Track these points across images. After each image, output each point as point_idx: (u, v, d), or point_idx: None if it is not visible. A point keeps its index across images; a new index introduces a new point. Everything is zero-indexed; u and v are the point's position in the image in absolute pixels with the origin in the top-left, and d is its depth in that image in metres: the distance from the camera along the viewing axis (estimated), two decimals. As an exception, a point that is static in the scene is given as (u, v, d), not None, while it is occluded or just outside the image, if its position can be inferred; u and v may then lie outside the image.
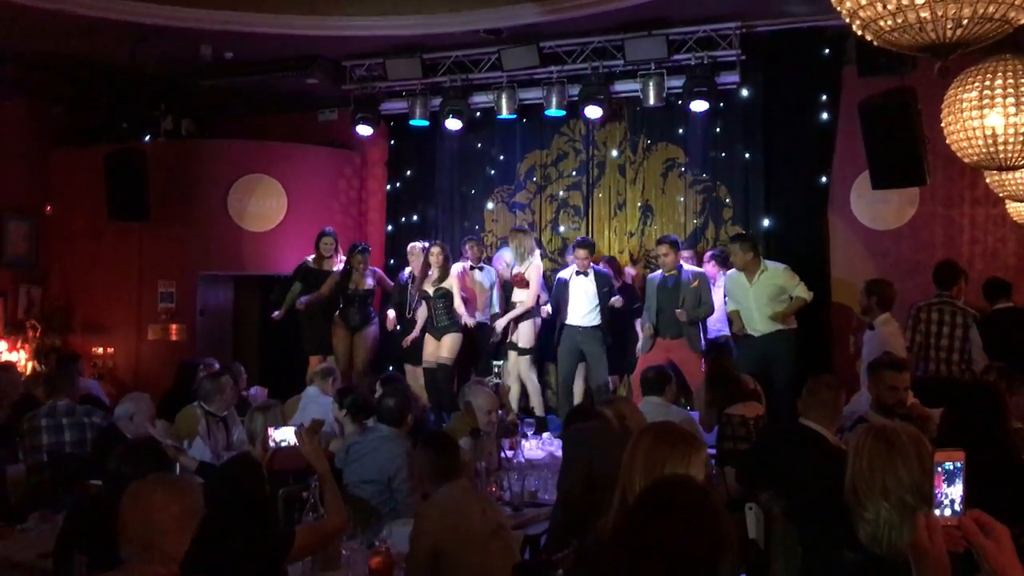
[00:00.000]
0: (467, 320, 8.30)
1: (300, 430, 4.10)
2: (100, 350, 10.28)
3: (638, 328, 8.25)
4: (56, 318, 10.35)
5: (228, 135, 10.68)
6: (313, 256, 9.16)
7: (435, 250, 8.44)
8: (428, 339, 8.47)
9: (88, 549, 3.12)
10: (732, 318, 7.89)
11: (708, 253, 8.65)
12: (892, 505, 2.64)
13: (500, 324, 8.48)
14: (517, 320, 8.50)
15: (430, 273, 8.42)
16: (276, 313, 9.08)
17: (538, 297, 8.51)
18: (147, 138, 10.25)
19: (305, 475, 4.33)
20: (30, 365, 9.81)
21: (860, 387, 6.60)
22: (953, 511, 1.98)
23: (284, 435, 4.17)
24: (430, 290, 8.38)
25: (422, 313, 8.64)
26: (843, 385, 4.58)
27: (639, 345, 8.11)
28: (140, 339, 10.27)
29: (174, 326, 10.20)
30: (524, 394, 8.59)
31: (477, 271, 8.60)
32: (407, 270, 9.11)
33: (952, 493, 1.99)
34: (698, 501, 2.05)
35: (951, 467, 2.00)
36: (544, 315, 8.47)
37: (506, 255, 8.84)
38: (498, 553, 3.72)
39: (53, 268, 10.66)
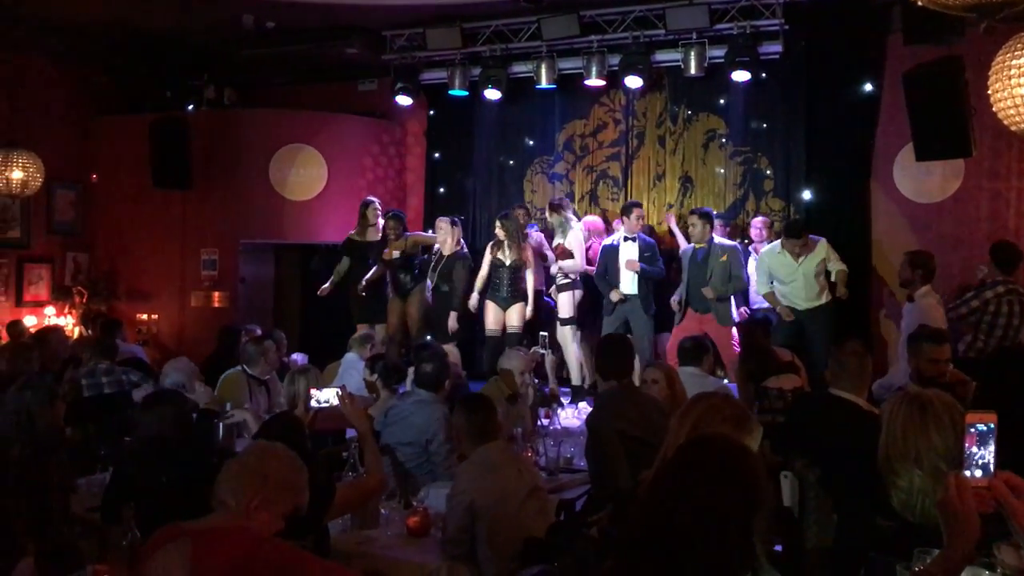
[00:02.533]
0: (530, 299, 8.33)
1: (342, 390, 4.18)
2: (144, 316, 10.49)
3: (672, 304, 8.26)
4: (101, 284, 10.56)
5: (269, 105, 10.78)
6: (356, 229, 9.20)
7: (500, 226, 8.36)
8: (491, 307, 8.44)
9: (136, 499, 3.21)
10: (769, 301, 7.87)
11: (760, 219, 8.56)
12: (925, 472, 2.63)
13: (563, 298, 8.46)
14: (558, 291, 8.50)
15: (504, 244, 8.34)
16: (323, 288, 9.11)
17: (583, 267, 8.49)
18: (190, 107, 10.37)
19: (344, 436, 4.42)
20: (76, 330, 10.03)
21: (897, 360, 6.57)
22: (984, 472, 1.98)
23: (326, 396, 4.25)
24: (506, 261, 8.36)
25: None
26: (868, 351, 4.52)
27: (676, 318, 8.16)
28: (183, 306, 10.46)
29: (216, 293, 10.36)
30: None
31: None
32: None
33: (983, 454, 1.99)
34: (734, 458, 2.07)
35: (983, 428, 1.99)
36: (615, 299, 8.31)
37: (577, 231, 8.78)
38: (534, 514, 3.78)
39: (99, 235, 10.86)
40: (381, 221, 9.09)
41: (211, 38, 9.63)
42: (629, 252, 8.20)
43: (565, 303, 8.45)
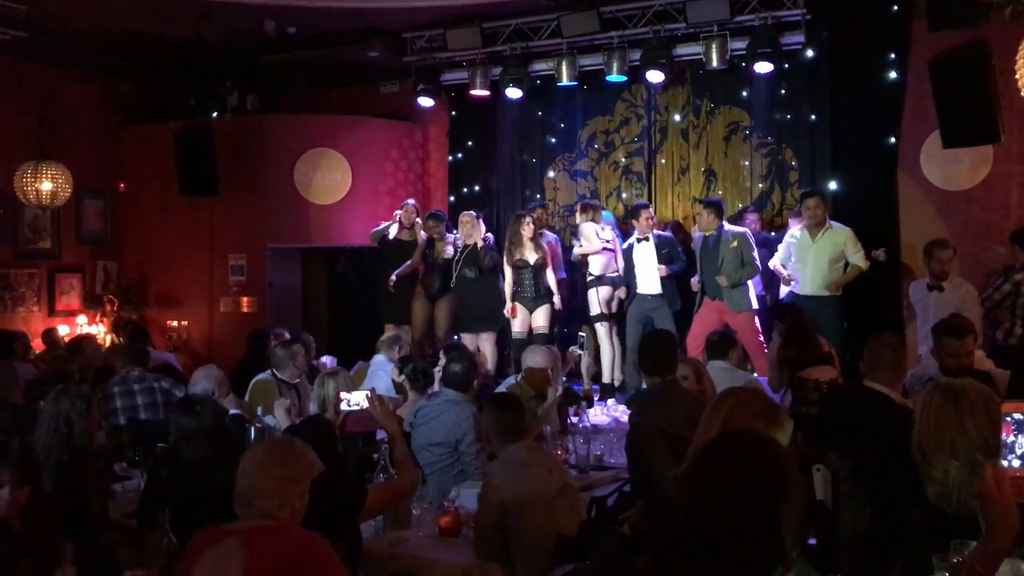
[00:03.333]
0: (556, 294, 8.32)
1: (371, 393, 4.20)
2: (175, 323, 10.59)
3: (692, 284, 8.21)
4: (131, 292, 10.68)
5: (292, 110, 10.86)
6: (391, 224, 9.22)
7: (523, 225, 8.37)
8: (518, 308, 8.38)
9: (170, 505, 3.24)
10: (777, 272, 7.82)
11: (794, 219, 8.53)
12: (960, 463, 2.61)
13: (591, 295, 8.41)
14: (587, 288, 8.47)
15: (525, 243, 8.32)
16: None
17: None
18: (214, 114, 10.46)
19: (374, 439, 4.44)
20: (108, 338, 10.14)
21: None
22: (1023, 462, 1.96)
23: (356, 399, 4.28)
24: (531, 260, 8.35)
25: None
26: (905, 343, 4.50)
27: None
28: (212, 311, 10.55)
29: (245, 298, 10.45)
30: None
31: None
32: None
33: (1022, 444, 1.97)
34: (762, 451, 2.07)
35: (1020, 417, 1.97)
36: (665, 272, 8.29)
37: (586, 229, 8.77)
38: (564, 511, 3.78)
39: (127, 244, 10.98)
40: (418, 220, 9.13)
41: (233, 45, 9.70)
42: (644, 252, 8.18)
43: (593, 300, 8.43)
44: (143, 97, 10.96)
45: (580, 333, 7.83)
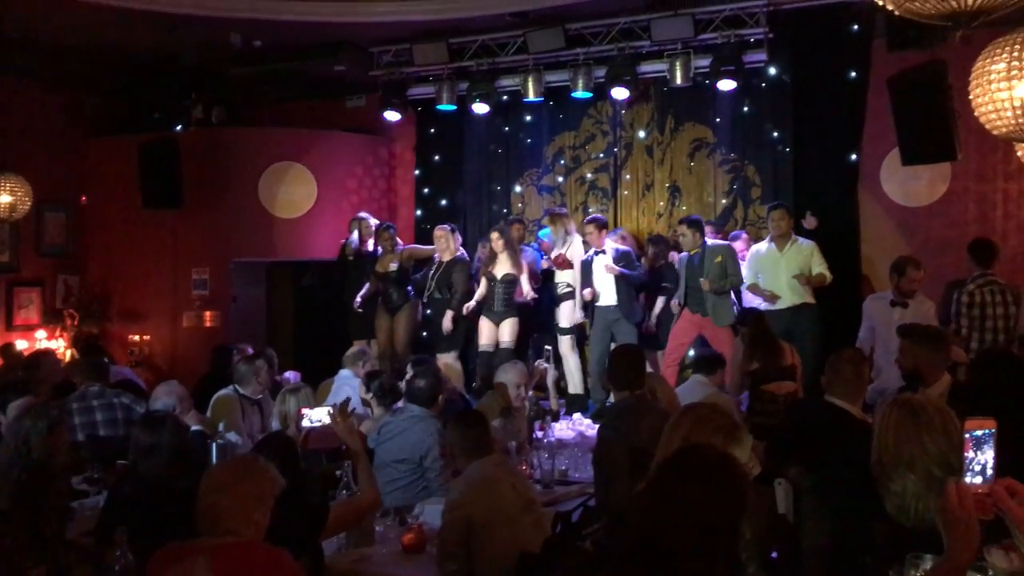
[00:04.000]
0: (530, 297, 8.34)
1: (333, 409, 4.18)
2: (137, 337, 10.46)
3: (671, 308, 8.26)
4: (93, 307, 10.54)
5: (258, 123, 10.81)
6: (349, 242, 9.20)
7: (495, 235, 8.38)
8: (484, 323, 8.43)
9: (130, 524, 3.20)
10: (754, 292, 7.91)
11: (737, 233, 8.64)
12: (918, 477, 2.65)
13: (564, 308, 8.44)
14: (559, 301, 8.50)
15: (496, 257, 8.35)
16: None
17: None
18: (179, 127, 10.37)
19: (338, 455, 4.41)
20: (68, 353, 10.00)
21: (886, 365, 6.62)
22: (984, 478, 1.99)
23: (318, 415, 4.25)
24: (498, 274, 8.34)
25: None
26: (865, 358, 4.56)
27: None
28: (175, 326, 10.44)
29: (208, 313, 10.35)
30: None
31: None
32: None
33: (982, 460, 1.99)
34: (719, 466, 2.09)
35: (981, 434, 2.00)
36: (588, 298, 8.42)
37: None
38: (529, 527, 3.78)
39: (89, 257, 10.85)
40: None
41: (199, 58, 9.65)
42: (600, 265, 8.23)
43: (566, 313, 8.46)
44: (108, 109, 10.85)
45: (546, 347, 7.85)
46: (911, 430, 2.69)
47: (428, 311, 8.84)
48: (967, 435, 2.00)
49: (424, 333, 9.22)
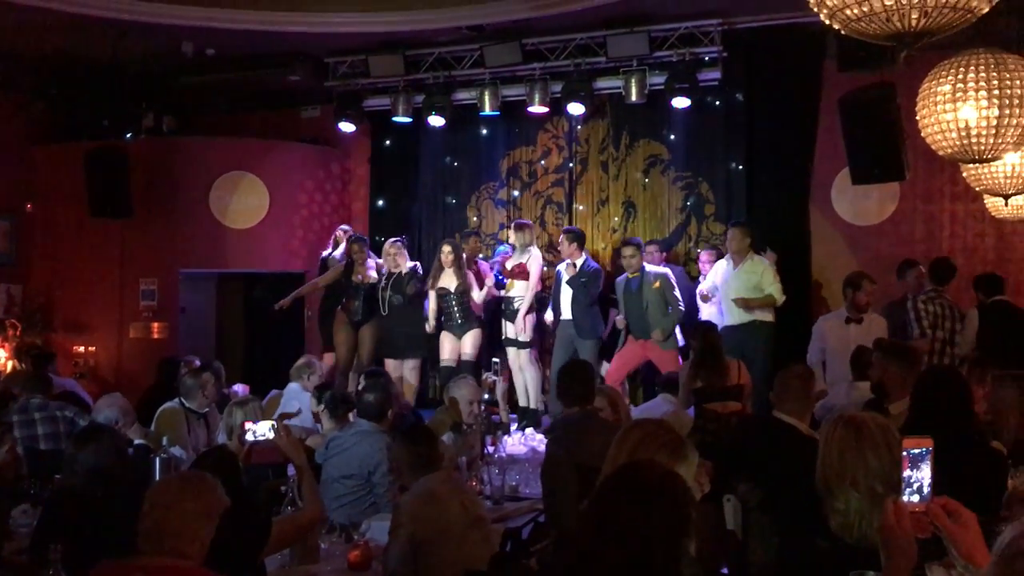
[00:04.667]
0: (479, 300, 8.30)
1: (277, 423, 4.10)
2: (81, 348, 10.25)
3: (616, 322, 8.28)
4: (37, 316, 10.31)
5: (210, 132, 10.67)
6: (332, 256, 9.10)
7: (446, 248, 8.34)
8: (446, 336, 8.37)
9: (65, 540, 3.11)
10: (703, 299, 7.96)
11: (705, 253, 8.67)
12: (862, 494, 2.66)
13: (519, 323, 8.39)
14: (513, 314, 8.44)
15: (445, 270, 8.30)
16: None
17: (536, 291, 8.48)
18: (129, 135, 10.20)
19: (284, 470, 4.34)
20: (10, 364, 9.76)
21: (835, 382, 6.70)
22: (921, 496, 2.00)
23: (261, 429, 4.16)
24: (450, 287, 8.30)
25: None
26: (813, 375, 4.61)
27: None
28: (122, 337, 10.24)
29: (156, 324, 10.17)
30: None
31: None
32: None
33: (920, 479, 2.01)
34: (660, 483, 2.08)
35: (919, 452, 2.02)
36: (547, 319, 8.40)
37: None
38: (477, 544, 3.73)
39: (34, 266, 10.62)
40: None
41: (150, 66, 9.52)
42: (566, 276, 8.21)
43: (529, 326, 8.42)
44: (55, 116, 10.63)
45: (493, 359, 7.81)
46: (855, 447, 2.70)
47: (386, 321, 8.72)
48: (905, 453, 2.02)
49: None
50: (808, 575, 2.90)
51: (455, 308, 8.28)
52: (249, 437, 4.08)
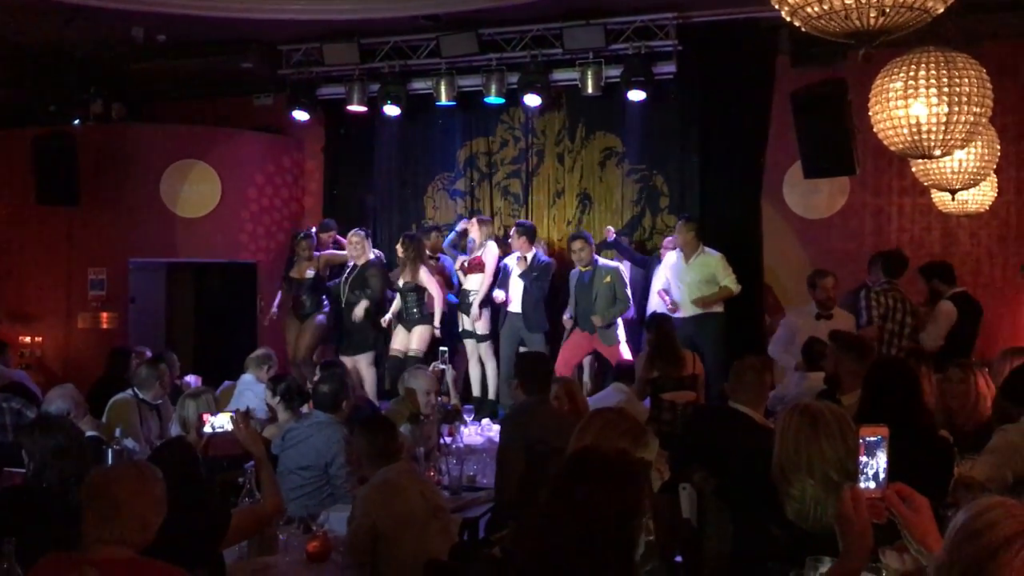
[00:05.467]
0: (438, 314, 8.25)
1: (236, 415, 4.08)
2: (28, 339, 10.03)
3: (564, 322, 8.33)
4: (-19, 305, 10.08)
5: (161, 119, 10.51)
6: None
7: (399, 246, 8.32)
8: (399, 329, 8.36)
9: (15, 533, 3.05)
10: (661, 298, 8.05)
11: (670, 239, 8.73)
12: (817, 481, 2.72)
13: (475, 313, 8.41)
14: (468, 307, 8.44)
15: (402, 265, 8.27)
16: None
17: (490, 283, 8.50)
18: (76, 121, 10.01)
19: (241, 461, 4.31)
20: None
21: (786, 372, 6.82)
22: (877, 483, 2.06)
23: (220, 421, 4.14)
24: (400, 283, 8.28)
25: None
26: (768, 366, 4.69)
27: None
28: (70, 327, 10.04)
29: (105, 314, 9.99)
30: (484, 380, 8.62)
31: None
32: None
33: (876, 466, 2.07)
34: (614, 465, 2.13)
35: (875, 440, 2.07)
36: (498, 301, 8.43)
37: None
38: (436, 535, 3.75)
39: (-23, 254, 10.37)
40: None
41: (99, 51, 9.34)
42: (518, 270, 8.27)
43: (484, 320, 8.45)
44: (1, 102, 10.39)
45: (441, 348, 7.82)
46: (810, 435, 2.76)
47: (345, 315, 8.67)
48: (861, 441, 2.07)
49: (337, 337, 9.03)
50: (763, 562, 2.95)
51: (409, 303, 8.28)
52: (208, 429, 4.05)
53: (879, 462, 2.07)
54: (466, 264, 8.52)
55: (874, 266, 7.48)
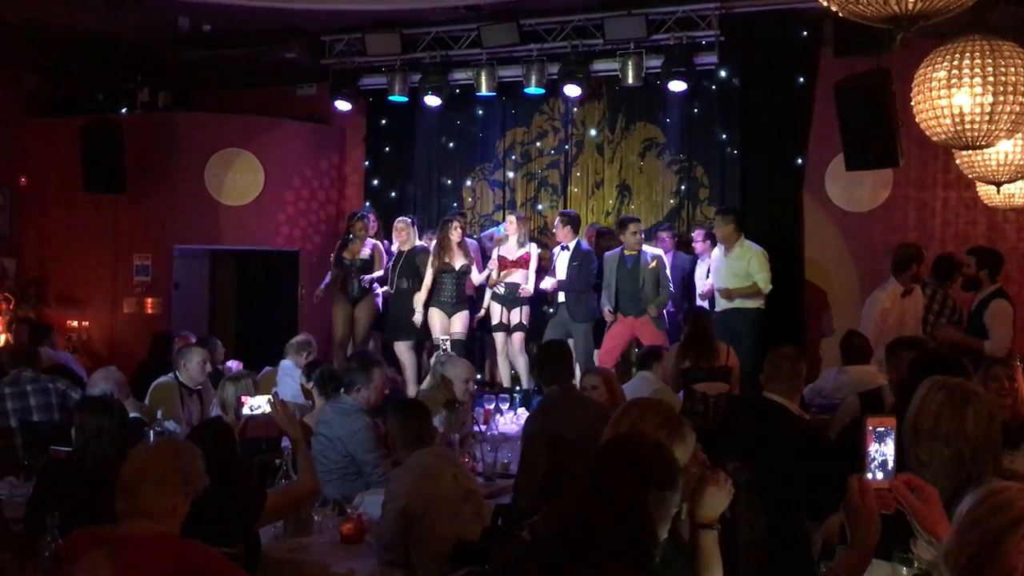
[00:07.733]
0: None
1: (274, 397, 4.14)
2: (75, 323, 10.25)
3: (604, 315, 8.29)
4: (30, 290, 10.30)
5: (205, 108, 10.64)
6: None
7: (455, 226, 8.33)
8: (436, 314, 8.34)
9: (60, 509, 3.14)
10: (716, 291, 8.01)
11: (698, 231, 8.68)
12: (950, 452, 2.51)
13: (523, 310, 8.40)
14: (517, 301, 8.42)
15: (453, 248, 8.30)
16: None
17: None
18: (123, 110, 10.17)
19: (279, 443, 4.37)
20: (3, 337, 9.76)
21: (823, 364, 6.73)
22: (885, 474, 2.05)
23: (258, 403, 4.20)
24: (456, 265, 8.30)
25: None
26: (804, 356, 4.64)
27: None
28: (115, 312, 10.25)
29: (149, 299, 10.17)
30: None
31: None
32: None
33: (884, 457, 2.05)
34: (648, 452, 2.14)
35: (882, 431, 2.06)
36: (551, 289, 8.39)
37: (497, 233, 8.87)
38: (469, 518, 3.78)
39: (28, 240, 10.61)
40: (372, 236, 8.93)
41: (145, 40, 9.46)
42: (562, 261, 8.28)
43: (517, 311, 8.45)
44: (49, 90, 10.60)
45: (443, 337, 7.81)
46: (957, 410, 2.51)
47: (392, 301, 8.72)
48: (869, 430, 2.06)
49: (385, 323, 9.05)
50: (795, 553, 2.95)
51: (451, 287, 8.31)
52: (246, 411, 4.12)
53: (887, 452, 2.05)
54: (509, 261, 8.45)
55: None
